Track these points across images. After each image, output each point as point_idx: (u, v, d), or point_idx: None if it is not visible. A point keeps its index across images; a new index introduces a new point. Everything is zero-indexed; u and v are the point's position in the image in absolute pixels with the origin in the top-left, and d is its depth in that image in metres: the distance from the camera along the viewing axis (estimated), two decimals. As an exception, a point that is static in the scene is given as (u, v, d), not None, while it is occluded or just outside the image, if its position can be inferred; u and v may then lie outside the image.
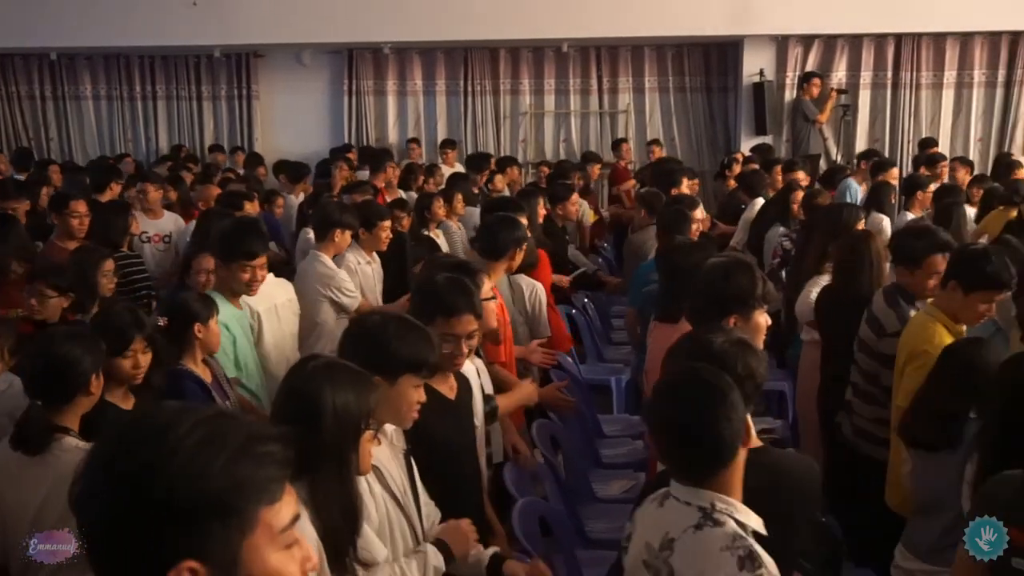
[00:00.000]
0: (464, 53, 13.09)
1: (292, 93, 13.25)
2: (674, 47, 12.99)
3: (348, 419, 2.37)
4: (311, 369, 2.44)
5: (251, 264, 4.36)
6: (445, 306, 3.28)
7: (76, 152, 13.52)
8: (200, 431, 1.25)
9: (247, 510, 1.26)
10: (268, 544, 1.28)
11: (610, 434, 5.81)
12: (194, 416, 1.28)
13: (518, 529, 3.57)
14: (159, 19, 11.79)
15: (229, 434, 1.27)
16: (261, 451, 1.28)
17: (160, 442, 1.24)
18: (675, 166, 9.16)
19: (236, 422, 1.31)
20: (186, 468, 1.23)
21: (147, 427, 1.28)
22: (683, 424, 2.31)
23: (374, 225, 5.89)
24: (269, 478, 1.28)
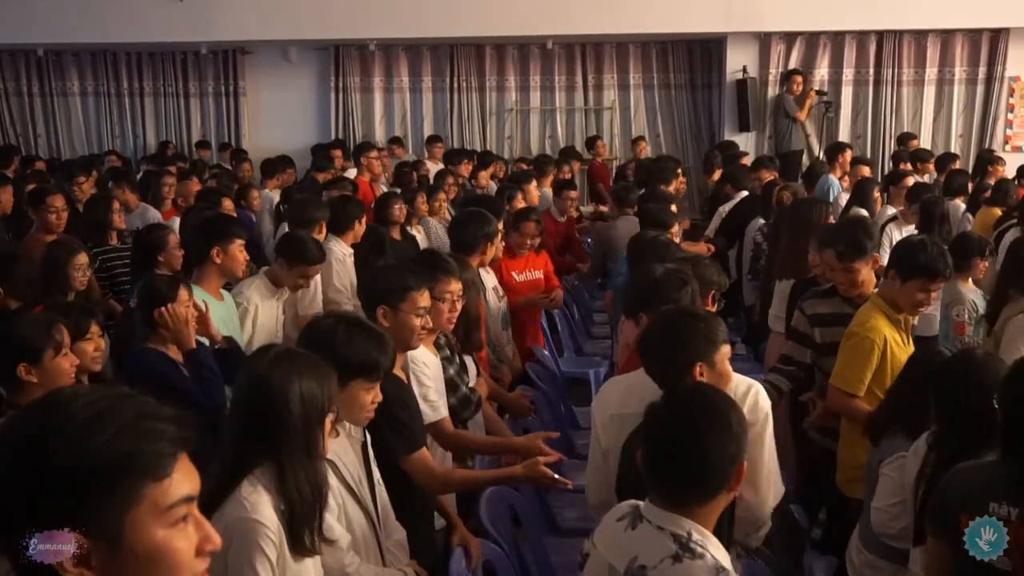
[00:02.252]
0: (450, 50, 13.16)
1: (279, 89, 13.31)
2: (659, 44, 13.08)
3: (314, 404, 2.44)
4: (274, 358, 2.49)
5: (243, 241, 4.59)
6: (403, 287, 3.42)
7: (64, 148, 13.56)
8: (93, 407, 1.30)
9: (129, 484, 1.29)
10: (153, 519, 1.30)
11: (585, 426, 5.87)
12: (93, 394, 1.34)
13: (485, 517, 3.65)
14: (146, 15, 11.84)
15: (120, 410, 1.31)
16: (149, 427, 1.32)
17: (51, 415, 1.30)
18: (671, 164, 9.23)
19: (133, 401, 1.35)
20: (71, 439, 1.27)
21: (46, 402, 1.35)
22: (681, 440, 2.19)
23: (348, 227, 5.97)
24: (156, 453, 1.31)
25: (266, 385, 2.42)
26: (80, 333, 3.59)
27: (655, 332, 3.08)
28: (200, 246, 4.58)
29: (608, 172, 12.05)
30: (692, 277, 3.67)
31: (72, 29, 12.09)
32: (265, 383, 2.43)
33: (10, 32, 12.20)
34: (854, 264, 4.27)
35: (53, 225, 6.05)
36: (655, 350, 3.04)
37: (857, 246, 4.26)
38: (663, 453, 2.23)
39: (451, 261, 4.17)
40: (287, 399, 2.39)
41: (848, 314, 4.34)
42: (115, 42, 12.81)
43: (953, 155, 10.34)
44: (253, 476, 2.37)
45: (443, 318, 3.88)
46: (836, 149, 9.64)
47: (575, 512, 4.66)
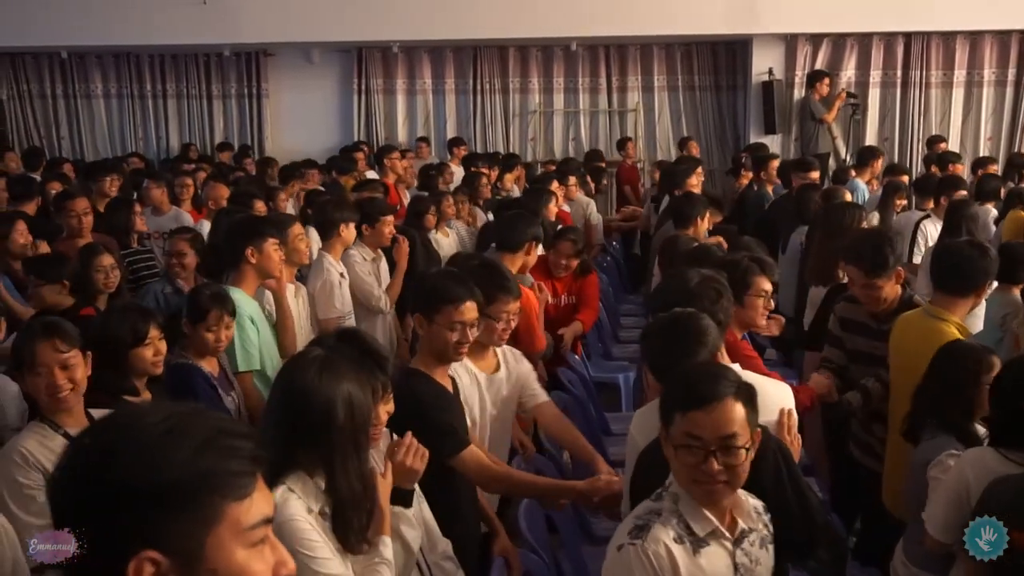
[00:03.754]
0: (473, 52, 13.11)
1: (302, 92, 13.29)
2: (683, 46, 12.99)
3: (361, 408, 2.42)
4: (318, 362, 2.45)
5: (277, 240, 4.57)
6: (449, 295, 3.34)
7: (87, 151, 13.58)
8: (166, 424, 1.26)
9: (211, 502, 1.25)
10: (233, 539, 1.26)
11: (617, 432, 5.80)
12: (166, 410, 1.29)
13: (523, 526, 3.59)
14: (169, 18, 11.83)
15: (197, 426, 1.27)
16: (228, 444, 1.27)
17: (126, 431, 1.26)
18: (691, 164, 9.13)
19: (207, 417, 1.30)
20: (148, 456, 1.22)
21: (119, 418, 1.31)
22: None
23: (376, 220, 5.90)
24: (236, 472, 1.27)
25: (311, 390, 2.39)
26: (138, 338, 3.56)
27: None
28: (234, 247, 4.54)
29: (637, 174, 11.96)
30: (727, 286, 3.59)
31: (96, 32, 12.11)
32: (310, 388, 2.39)
33: (34, 35, 12.23)
34: (878, 281, 4.16)
35: (76, 229, 6.04)
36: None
37: (882, 264, 4.14)
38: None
39: (512, 279, 4.04)
40: (334, 402, 2.37)
41: (871, 327, 4.26)
42: (138, 44, 12.82)
43: (989, 158, 10.17)
44: (284, 485, 2.34)
45: (495, 336, 3.79)
46: (870, 155, 9.52)
47: (610, 521, 4.59)
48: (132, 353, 3.49)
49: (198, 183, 8.32)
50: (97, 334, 3.48)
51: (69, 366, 3.00)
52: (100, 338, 3.45)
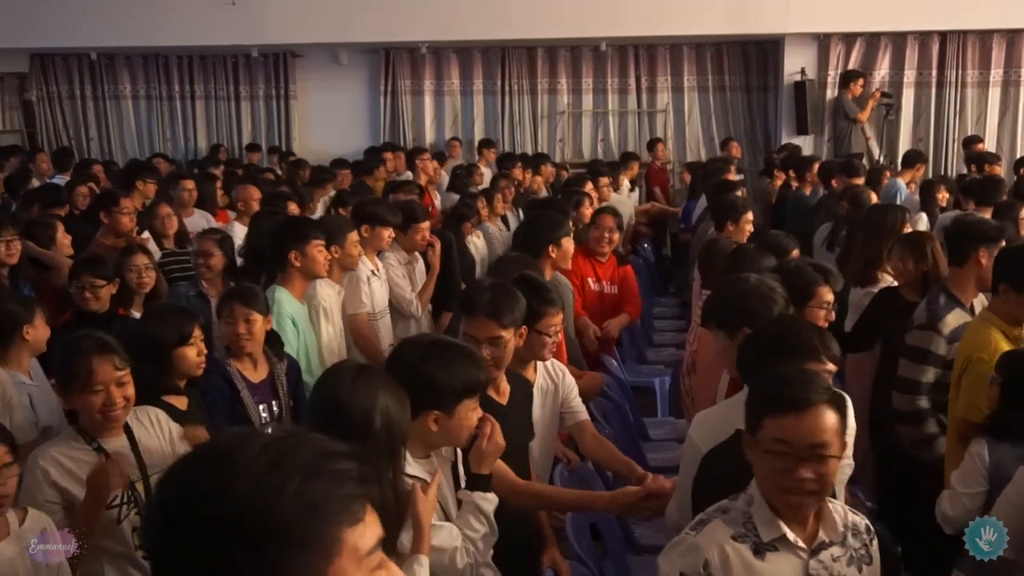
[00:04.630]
0: (501, 52, 13.04)
1: (329, 93, 13.27)
2: (713, 46, 12.87)
3: (396, 419, 2.38)
4: (353, 374, 2.42)
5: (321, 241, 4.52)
6: (465, 304, 3.25)
7: (116, 152, 13.61)
8: (269, 452, 1.17)
9: (328, 533, 1.16)
10: (354, 568, 1.18)
11: (656, 438, 5.72)
12: (260, 439, 1.20)
13: (571, 536, 3.51)
14: (198, 19, 11.84)
15: (300, 454, 1.18)
16: (335, 469, 1.18)
17: (228, 466, 1.16)
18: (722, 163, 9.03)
19: (309, 440, 1.21)
20: (257, 492, 1.13)
21: (213, 452, 1.21)
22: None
23: (409, 226, 5.84)
24: (348, 497, 1.18)
25: (347, 400, 2.35)
26: (183, 338, 3.51)
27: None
28: (278, 251, 4.49)
29: (667, 176, 11.86)
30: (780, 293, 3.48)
31: (125, 33, 12.14)
32: (346, 398, 2.35)
33: (64, 36, 12.27)
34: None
35: (126, 227, 6.01)
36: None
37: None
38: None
39: (552, 291, 3.93)
40: (370, 413, 2.32)
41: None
42: (167, 46, 12.84)
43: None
44: None
45: (545, 350, 3.69)
46: (916, 158, 9.37)
47: (653, 529, 4.51)
48: (176, 353, 3.45)
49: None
50: (141, 334, 3.46)
51: (124, 383, 2.96)
52: (144, 338, 3.42)
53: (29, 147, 13.01)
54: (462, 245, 7.00)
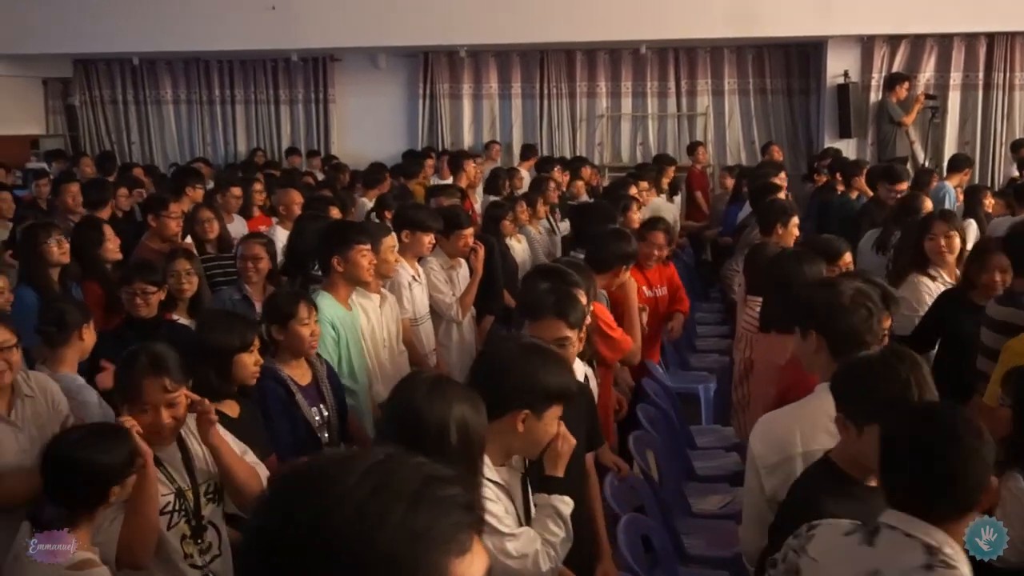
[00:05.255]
0: (540, 55, 13.00)
1: (368, 96, 13.31)
2: (754, 48, 12.73)
3: (474, 429, 2.33)
4: (428, 386, 2.36)
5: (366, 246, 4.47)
6: (530, 308, 3.17)
7: (156, 156, 13.75)
8: (372, 479, 1.09)
9: (434, 565, 1.08)
10: None
11: (703, 446, 5.63)
12: (362, 463, 1.12)
13: (623, 546, 3.45)
14: (239, 24, 11.91)
15: (404, 479, 1.10)
16: (441, 496, 1.10)
17: (328, 493, 1.08)
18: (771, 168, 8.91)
19: (407, 463, 1.14)
20: (359, 520, 1.05)
21: (310, 479, 1.12)
22: (942, 453, 2.07)
23: (452, 232, 5.79)
24: (455, 526, 1.10)
25: (424, 411, 2.30)
26: (245, 345, 3.50)
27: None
28: (322, 256, 4.46)
29: (707, 180, 11.73)
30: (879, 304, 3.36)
31: (167, 38, 12.24)
32: (423, 409, 2.30)
33: (107, 42, 12.42)
34: None
35: (173, 232, 6.03)
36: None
37: None
38: (924, 467, 2.09)
39: (573, 273, 3.95)
40: (446, 424, 2.28)
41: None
42: (208, 50, 12.93)
43: None
44: None
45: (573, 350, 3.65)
46: (964, 162, 9.20)
47: (702, 539, 4.44)
48: (236, 360, 3.44)
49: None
50: (204, 340, 3.45)
51: (174, 404, 2.92)
52: (206, 344, 3.41)
53: (72, 151, 13.16)
54: (504, 249, 6.95)
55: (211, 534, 3.00)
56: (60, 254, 5.26)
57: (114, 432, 2.70)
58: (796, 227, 6.03)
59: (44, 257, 5.20)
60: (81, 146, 13.62)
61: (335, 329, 4.29)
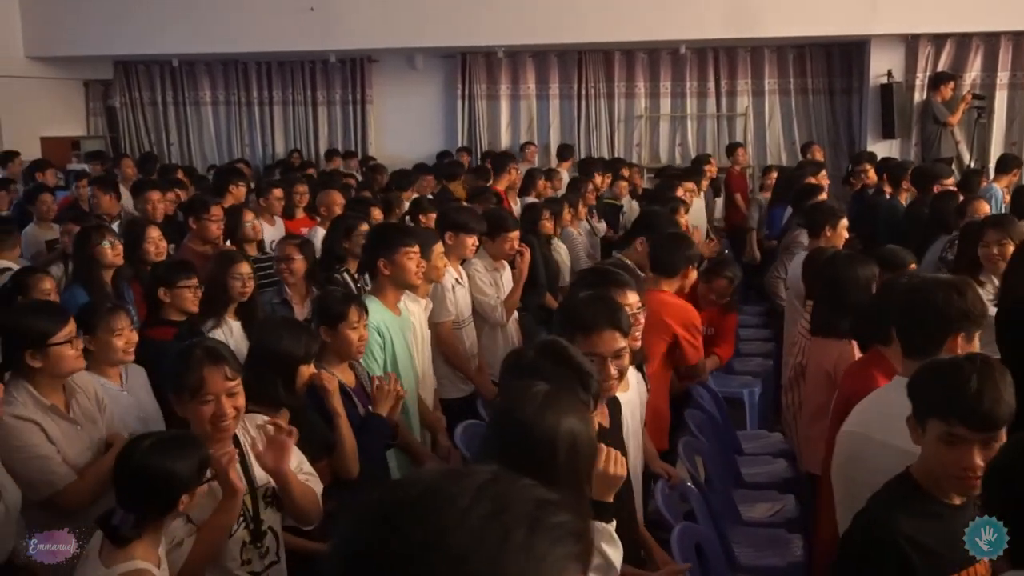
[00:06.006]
0: (578, 56, 12.92)
1: (405, 97, 13.30)
2: (795, 48, 12.58)
3: (583, 444, 2.24)
4: (540, 399, 2.26)
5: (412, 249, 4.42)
6: (582, 323, 3.05)
7: (195, 157, 13.82)
8: (483, 501, 1.02)
9: None
10: None
11: (750, 452, 5.53)
12: (471, 481, 1.05)
13: (678, 555, 3.37)
14: (277, 25, 11.94)
15: (517, 502, 1.03)
16: (555, 522, 1.03)
17: (443, 513, 1.01)
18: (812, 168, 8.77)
19: (517, 485, 1.07)
20: (479, 542, 0.99)
21: (420, 496, 1.04)
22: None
23: (498, 235, 5.73)
24: (568, 556, 1.03)
25: (532, 425, 2.20)
26: (308, 355, 3.48)
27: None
28: (369, 259, 4.42)
29: (746, 181, 11.60)
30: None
31: (205, 40, 12.31)
32: (532, 423, 2.21)
33: (146, 43, 12.50)
34: None
35: (214, 234, 6.02)
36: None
37: None
38: None
39: (623, 273, 3.88)
40: (555, 439, 2.18)
41: None
42: (247, 52, 12.97)
43: None
44: None
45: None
46: (1014, 162, 9.01)
47: (752, 548, 4.35)
48: (299, 369, 3.42)
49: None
50: (269, 348, 3.42)
51: (235, 394, 2.89)
52: (272, 352, 3.39)
53: (113, 152, 13.26)
54: (545, 250, 6.89)
55: (269, 539, 2.96)
56: (114, 256, 5.28)
57: (187, 440, 2.67)
58: (845, 229, 5.93)
59: (97, 259, 5.23)
60: (121, 147, 13.72)
61: (381, 334, 4.24)
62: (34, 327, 3.26)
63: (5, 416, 3.15)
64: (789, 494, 4.87)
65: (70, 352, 3.31)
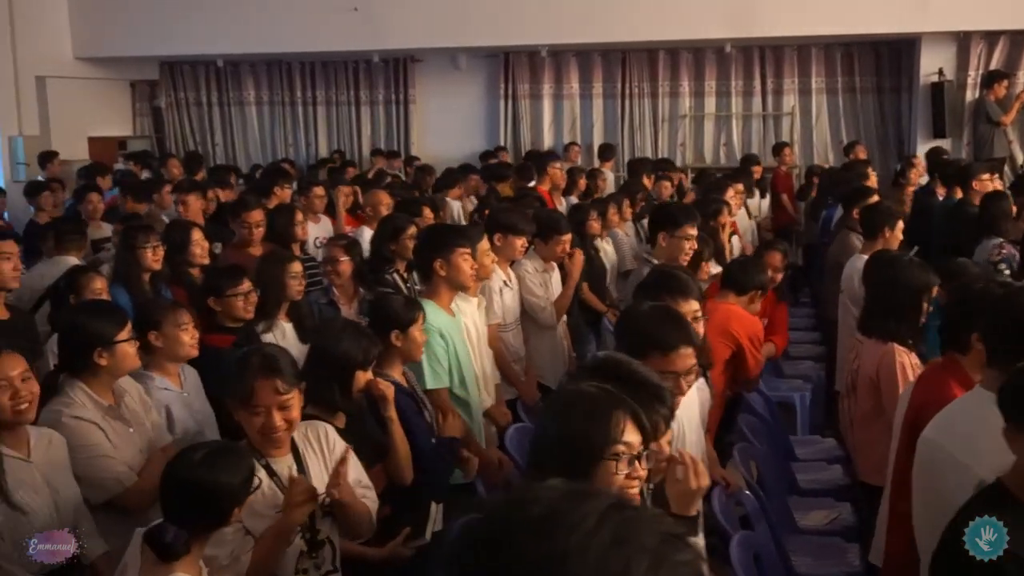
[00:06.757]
0: (622, 55, 12.83)
1: (448, 97, 13.28)
2: (843, 46, 12.40)
3: (583, 446, 2.13)
4: (589, 403, 2.20)
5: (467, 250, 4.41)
6: (658, 342, 2.97)
7: (239, 157, 13.89)
8: (610, 526, 0.97)
9: None
10: None
11: (803, 457, 5.43)
12: (593, 504, 1.00)
13: (738, 565, 3.31)
14: (321, 25, 11.97)
15: (643, 532, 0.98)
16: (678, 560, 0.98)
17: (560, 537, 0.96)
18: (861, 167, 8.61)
19: (644, 515, 1.02)
20: (602, 573, 0.94)
21: (540, 517, 0.99)
22: None
23: (550, 237, 5.67)
24: None
25: (579, 433, 2.15)
26: (367, 360, 3.45)
27: None
28: (424, 260, 4.39)
29: (792, 181, 11.43)
30: None
31: (250, 40, 12.36)
32: (579, 431, 2.15)
33: (192, 44, 12.60)
34: None
35: (247, 239, 6.03)
36: None
37: None
38: None
39: (685, 278, 3.81)
40: (571, 438, 2.12)
41: None
42: (291, 52, 13.03)
43: None
44: None
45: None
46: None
47: (808, 556, 4.26)
48: (357, 374, 3.39)
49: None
50: (328, 352, 3.39)
51: (287, 407, 2.85)
52: (331, 356, 3.36)
53: (158, 152, 13.39)
54: (590, 252, 6.82)
55: (326, 550, 2.92)
56: (153, 260, 5.28)
57: (236, 451, 2.65)
58: (901, 231, 5.81)
59: (139, 261, 5.23)
60: (167, 147, 13.84)
61: (443, 337, 4.20)
62: (101, 326, 3.30)
63: (66, 417, 3.17)
64: (845, 502, 4.78)
65: (132, 350, 3.34)
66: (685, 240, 5.31)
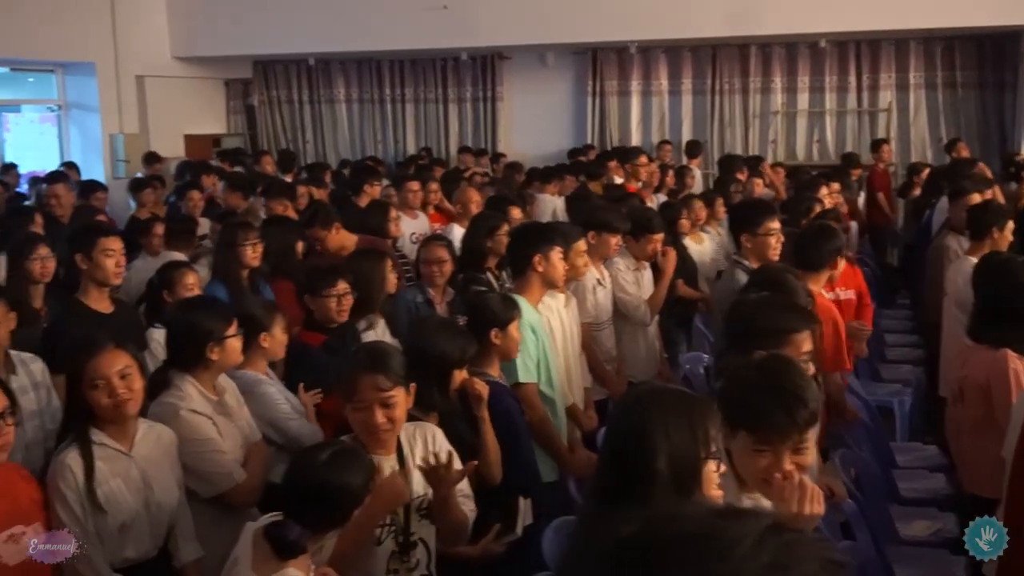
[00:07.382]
0: (712, 51, 12.65)
1: (535, 94, 13.28)
2: (943, 39, 12.01)
3: (683, 460, 2.10)
4: (646, 402, 2.20)
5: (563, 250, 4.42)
6: (778, 328, 2.91)
7: (329, 154, 14.09)
8: (768, 548, 0.94)
9: None
10: None
11: (903, 465, 5.26)
12: (751, 523, 0.96)
13: (842, 577, 3.20)
14: (411, 23, 12.06)
15: (802, 558, 0.94)
16: None
17: (713, 557, 0.93)
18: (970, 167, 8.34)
19: (805, 540, 0.98)
20: None
21: (687, 533, 0.97)
22: None
23: (642, 236, 5.61)
24: None
25: (633, 428, 2.15)
26: (464, 358, 3.45)
27: None
28: (520, 255, 4.37)
29: (890, 179, 11.12)
30: None
31: (341, 39, 12.52)
32: (637, 430, 2.14)
33: (284, 43, 12.81)
34: None
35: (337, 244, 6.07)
36: None
37: None
38: None
39: (791, 277, 3.73)
40: (654, 447, 2.08)
41: None
42: (381, 50, 13.16)
43: None
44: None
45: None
46: None
47: (912, 568, 4.12)
48: (453, 373, 3.39)
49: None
50: (425, 351, 3.36)
51: (390, 404, 2.84)
52: (428, 355, 3.34)
53: (251, 150, 13.66)
54: (681, 250, 6.73)
55: (420, 551, 2.91)
56: (252, 257, 5.33)
57: (357, 453, 2.65)
58: (1011, 232, 5.59)
59: (239, 258, 5.30)
60: (259, 145, 14.12)
61: (535, 332, 4.18)
62: (212, 322, 3.36)
63: (183, 411, 3.22)
64: (949, 512, 4.62)
65: (238, 345, 3.40)
66: (769, 236, 5.19)
